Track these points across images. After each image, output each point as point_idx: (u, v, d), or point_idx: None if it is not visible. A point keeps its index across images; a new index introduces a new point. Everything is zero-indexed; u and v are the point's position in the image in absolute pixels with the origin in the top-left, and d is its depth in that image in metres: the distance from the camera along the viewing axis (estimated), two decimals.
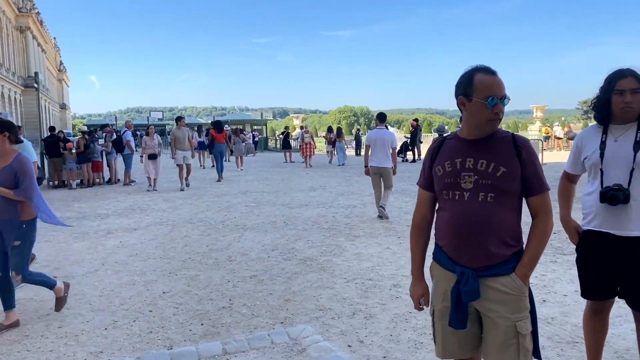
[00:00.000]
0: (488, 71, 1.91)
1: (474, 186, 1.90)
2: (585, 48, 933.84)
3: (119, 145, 14.28)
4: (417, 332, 3.62)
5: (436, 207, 2.14)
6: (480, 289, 1.90)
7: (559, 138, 27.77)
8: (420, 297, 2.16)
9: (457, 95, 1.97)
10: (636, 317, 2.55)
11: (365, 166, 8.25)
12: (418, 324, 3.75)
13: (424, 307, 2.19)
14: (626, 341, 3.35)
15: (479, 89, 1.87)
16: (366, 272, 5.12)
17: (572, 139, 27.61)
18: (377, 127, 8.36)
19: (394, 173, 8.22)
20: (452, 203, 1.96)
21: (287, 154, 22.11)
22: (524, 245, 1.99)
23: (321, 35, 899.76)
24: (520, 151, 1.91)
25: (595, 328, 2.72)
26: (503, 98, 1.87)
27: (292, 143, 26.81)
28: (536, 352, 1.96)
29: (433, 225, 2.16)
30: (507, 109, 1.95)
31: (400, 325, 3.76)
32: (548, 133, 29.10)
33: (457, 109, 2.00)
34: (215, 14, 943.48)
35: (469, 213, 1.91)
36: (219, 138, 14.61)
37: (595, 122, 2.61)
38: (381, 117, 8.54)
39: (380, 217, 8.02)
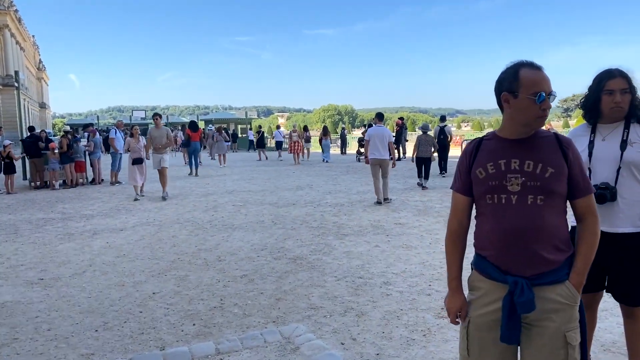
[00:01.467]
0: (533, 66, 1.79)
1: (521, 188, 1.77)
2: (564, 47, 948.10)
3: (108, 144, 14.41)
4: (409, 329, 3.67)
5: (473, 214, 2.01)
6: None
7: None
8: (458, 311, 1.96)
9: (499, 92, 1.83)
10: (623, 310, 2.63)
11: (365, 156, 9.55)
12: (410, 321, 3.80)
13: (460, 320, 2.00)
14: (612, 334, 3.44)
15: (525, 85, 1.75)
16: (356, 270, 5.16)
17: None
18: (377, 125, 9.67)
19: (394, 165, 9.78)
20: (497, 207, 1.81)
21: (262, 152, 23.49)
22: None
23: (305, 34, 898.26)
24: (566, 151, 1.81)
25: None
26: (550, 94, 1.77)
27: (270, 142, 28.39)
28: None
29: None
30: (491, 107, 1.89)
31: (392, 322, 3.80)
32: None
33: (440, 107, 1.97)
34: (198, 11, 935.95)
35: (517, 217, 1.76)
36: (195, 137, 16.14)
37: (574, 121, 2.67)
38: (380, 117, 9.92)
39: (379, 203, 9.16)
